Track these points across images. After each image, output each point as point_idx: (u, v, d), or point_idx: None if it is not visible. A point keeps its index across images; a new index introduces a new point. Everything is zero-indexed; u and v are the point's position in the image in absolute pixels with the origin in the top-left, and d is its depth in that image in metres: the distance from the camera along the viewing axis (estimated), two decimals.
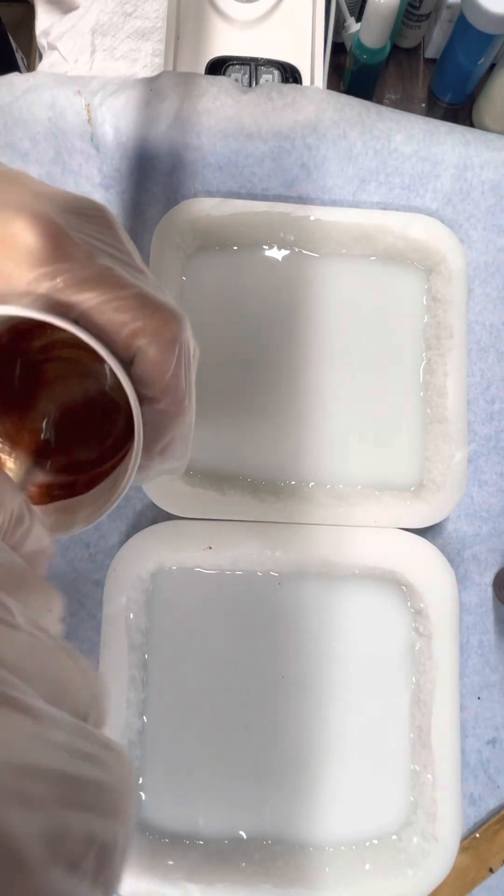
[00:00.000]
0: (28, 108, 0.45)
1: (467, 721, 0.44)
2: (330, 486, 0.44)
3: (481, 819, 0.44)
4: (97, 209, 0.24)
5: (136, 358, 0.22)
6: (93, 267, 0.21)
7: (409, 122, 0.47)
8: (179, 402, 0.24)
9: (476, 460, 0.46)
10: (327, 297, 0.46)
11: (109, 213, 0.24)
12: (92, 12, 0.45)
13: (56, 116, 0.45)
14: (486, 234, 0.47)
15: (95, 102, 0.45)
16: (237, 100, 0.46)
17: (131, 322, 0.22)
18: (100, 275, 0.22)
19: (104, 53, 0.47)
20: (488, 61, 0.50)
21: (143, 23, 0.45)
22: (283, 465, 0.44)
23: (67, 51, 0.47)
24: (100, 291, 0.21)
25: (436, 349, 0.45)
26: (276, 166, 0.46)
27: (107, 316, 0.22)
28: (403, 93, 0.57)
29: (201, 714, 0.43)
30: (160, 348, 0.22)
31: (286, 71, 0.49)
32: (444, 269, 0.45)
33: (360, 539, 0.43)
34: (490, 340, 0.47)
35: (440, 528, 0.46)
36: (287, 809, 0.42)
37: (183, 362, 0.23)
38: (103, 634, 0.42)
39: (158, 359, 0.22)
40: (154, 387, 0.23)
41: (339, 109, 0.46)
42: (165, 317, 0.22)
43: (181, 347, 0.23)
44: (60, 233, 0.21)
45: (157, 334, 0.22)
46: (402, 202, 0.47)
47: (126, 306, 0.22)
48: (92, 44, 0.47)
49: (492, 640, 0.45)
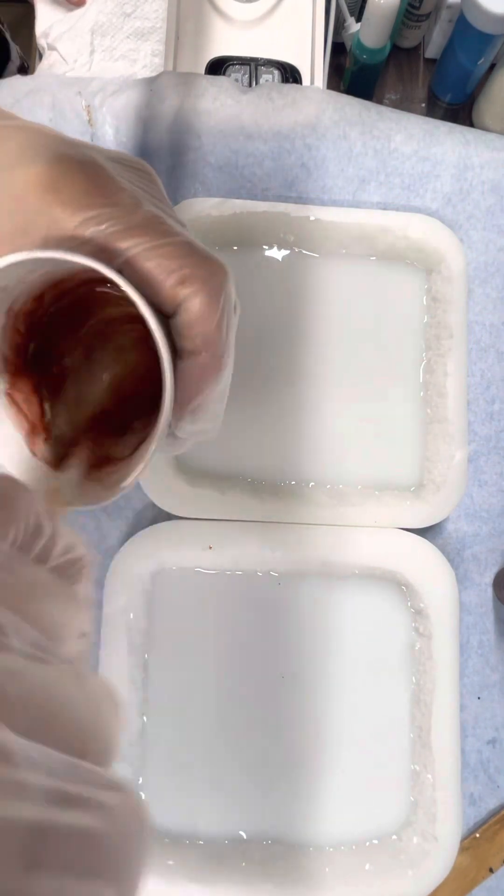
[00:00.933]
0: (30, 109, 0.45)
1: (467, 721, 0.44)
2: (330, 486, 0.44)
3: (481, 819, 0.44)
4: (139, 162, 0.23)
5: (181, 306, 0.22)
6: (140, 213, 0.21)
7: (409, 122, 0.47)
8: (220, 356, 0.23)
9: (476, 460, 0.46)
10: (327, 298, 0.46)
11: (150, 168, 0.24)
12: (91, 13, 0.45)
13: (57, 117, 0.45)
14: (486, 234, 0.47)
15: (96, 103, 0.45)
16: (237, 100, 0.46)
17: (178, 269, 0.21)
18: (147, 221, 0.21)
19: (103, 54, 0.47)
20: (488, 61, 0.50)
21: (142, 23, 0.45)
22: (283, 465, 0.44)
23: (67, 51, 0.47)
24: (148, 238, 0.21)
25: (436, 349, 0.45)
26: (276, 166, 0.46)
27: (153, 262, 0.21)
28: (403, 93, 0.57)
29: (201, 714, 0.43)
30: (206, 297, 0.22)
31: (286, 71, 0.49)
32: (444, 269, 0.45)
33: (360, 539, 0.43)
34: (490, 340, 0.47)
35: (440, 528, 0.46)
36: (287, 809, 0.42)
37: (226, 315, 0.23)
38: (103, 635, 0.42)
39: (204, 308, 0.22)
40: (197, 338, 0.22)
41: (339, 109, 0.46)
42: (213, 266, 0.22)
43: (226, 299, 0.22)
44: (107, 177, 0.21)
45: (204, 282, 0.21)
46: (402, 202, 0.47)
47: (173, 253, 0.21)
48: (91, 44, 0.47)
49: (492, 640, 0.45)
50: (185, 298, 0.22)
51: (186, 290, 0.21)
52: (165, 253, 0.21)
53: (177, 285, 0.21)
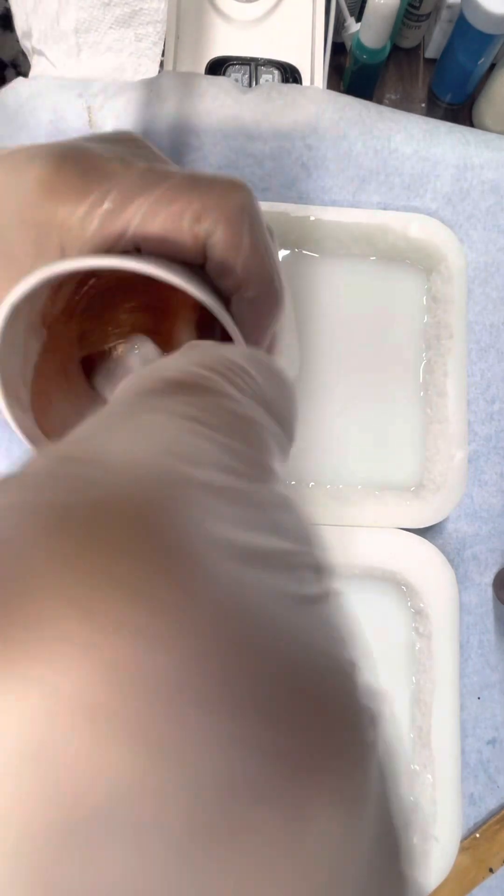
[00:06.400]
0: (32, 112, 0.45)
1: (467, 721, 0.44)
2: (330, 486, 0.44)
3: (481, 819, 0.44)
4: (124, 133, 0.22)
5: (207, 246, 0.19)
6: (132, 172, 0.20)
7: (409, 122, 0.47)
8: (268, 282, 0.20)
9: (476, 460, 0.46)
10: (327, 297, 0.46)
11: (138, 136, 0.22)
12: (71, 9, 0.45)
13: (58, 119, 0.45)
14: (486, 234, 0.47)
15: (97, 104, 0.45)
16: (237, 100, 0.46)
17: (187, 206, 0.19)
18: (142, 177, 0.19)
19: (90, 50, 0.46)
20: (488, 61, 0.50)
21: (122, 10, 0.45)
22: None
23: (55, 56, 0.47)
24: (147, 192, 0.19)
25: (436, 349, 0.45)
26: (276, 166, 0.46)
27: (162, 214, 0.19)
28: (403, 93, 0.57)
29: None
30: (227, 222, 0.19)
31: (286, 71, 0.49)
32: (444, 269, 0.45)
33: (360, 539, 0.43)
34: (490, 340, 0.47)
35: (440, 528, 0.46)
36: None
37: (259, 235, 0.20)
38: None
39: (228, 234, 0.19)
40: (234, 270, 0.20)
41: (339, 109, 0.46)
42: (224, 187, 0.20)
43: (251, 216, 0.20)
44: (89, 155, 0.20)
45: (219, 208, 0.19)
46: (402, 202, 0.47)
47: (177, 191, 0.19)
48: (77, 45, 0.46)
49: (492, 640, 0.45)
50: (208, 234, 0.19)
51: (204, 224, 0.19)
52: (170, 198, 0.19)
53: (193, 226, 0.19)
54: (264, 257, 0.20)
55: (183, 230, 0.19)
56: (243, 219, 0.19)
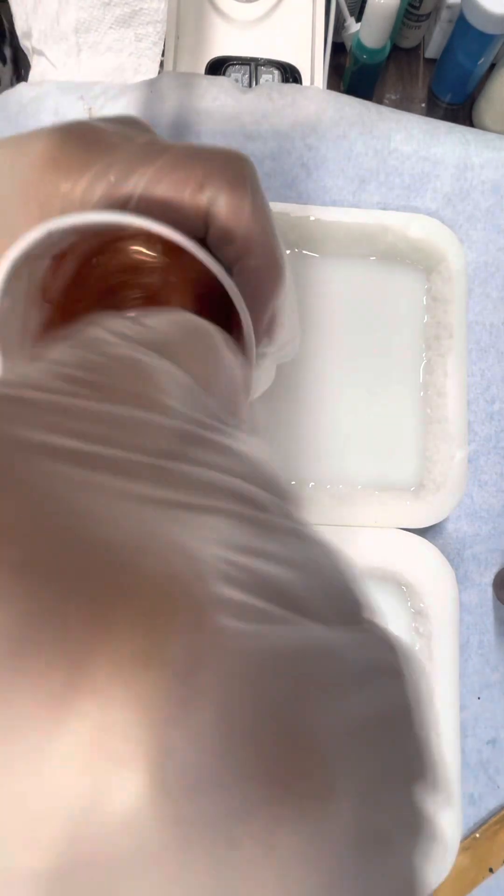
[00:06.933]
0: (34, 115, 0.45)
1: (467, 721, 0.44)
2: (330, 487, 0.44)
3: (481, 819, 0.44)
4: (127, 116, 0.23)
5: (209, 214, 0.20)
6: (134, 145, 0.20)
7: (409, 122, 0.47)
8: (271, 252, 0.21)
9: (476, 460, 0.46)
10: (327, 297, 0.46)
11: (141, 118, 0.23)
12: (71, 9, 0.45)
13: (59, 121, 0.45)
14: (486, 234, 0.47)
15: (97, 106, 0.45)
16: (237, 100, 0.46)
17: (190, 175, 0.19)
18: (143, 149, 0.20)
19: (90, 50, 0.47)
20: (488, 61, 0.50)
21: (122, 10, 0.45)
22: (284, 465, 0.44)
23: (55, 57, 0.47)
24: (149, 163, 0.19)
25: (436, 349, 0.45)
26: (276, 166, 0.46)
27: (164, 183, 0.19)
28: (403, 93, 0.57)
29: None
30: (230, 189, 0.20)
31: (286, 71, 0.49)
32: (444, 269, 0.45)
33: (360, 539, 0.43)
34: (490, 340, 0.47)
35: (440, 528, 0.46)
36: None
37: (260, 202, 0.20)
38: None
39: (231, 202, 0.20)
40: (237, 238, 0.20)
41: (339, 109, 0.46)
42: (226, 156, 0.20)
43: (253, 184, 0.20)
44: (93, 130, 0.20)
45: (221, 176, 0.20)
46: (402, 202, 0.47)
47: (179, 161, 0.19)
48: (77, 45, 0.46)
49: (492, 640, 0.45)
50: (210, 203, 0.20)
51: (206, 193, 0.19)
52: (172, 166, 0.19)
53: (196, 194, 0.19)
54: (266, 225, 0.20)
55: (185, 199, 0.19)
56: (245, 186, 0.20)
